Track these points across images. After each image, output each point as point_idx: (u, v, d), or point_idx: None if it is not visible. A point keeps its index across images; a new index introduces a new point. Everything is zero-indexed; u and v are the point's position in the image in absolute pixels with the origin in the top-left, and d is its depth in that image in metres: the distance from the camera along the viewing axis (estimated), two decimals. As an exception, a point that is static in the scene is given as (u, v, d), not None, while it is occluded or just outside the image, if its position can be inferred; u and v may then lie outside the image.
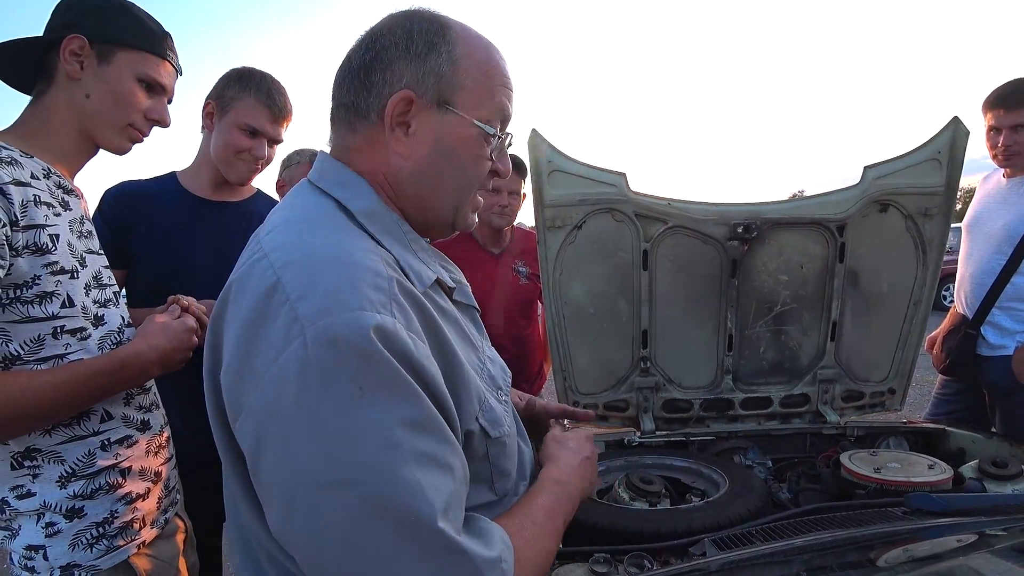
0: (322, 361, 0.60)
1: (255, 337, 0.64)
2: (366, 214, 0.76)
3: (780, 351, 1.91)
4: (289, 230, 0.72)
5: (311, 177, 0.81)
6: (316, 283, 0.63)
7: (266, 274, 0.66)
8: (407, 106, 0.75)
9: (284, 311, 0.62)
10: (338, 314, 0.61)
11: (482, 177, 0.82)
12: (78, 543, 1.04)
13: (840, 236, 1.77)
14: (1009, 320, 2.18)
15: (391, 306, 0.65)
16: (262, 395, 0.62)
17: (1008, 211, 2.20)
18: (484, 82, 0.78)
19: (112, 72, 1.14)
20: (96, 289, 1.12)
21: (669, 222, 1.73)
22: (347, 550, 0.59)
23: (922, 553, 1.02)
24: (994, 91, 2.18)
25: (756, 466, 1.76)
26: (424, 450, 0.62)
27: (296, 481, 0.61)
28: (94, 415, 1.09)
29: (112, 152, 1.20)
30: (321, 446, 0.60)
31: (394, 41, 0.76)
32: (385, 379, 0.61)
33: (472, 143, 0.78)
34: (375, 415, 0.60)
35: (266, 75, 1.64)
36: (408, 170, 0.78)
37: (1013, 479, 1.42)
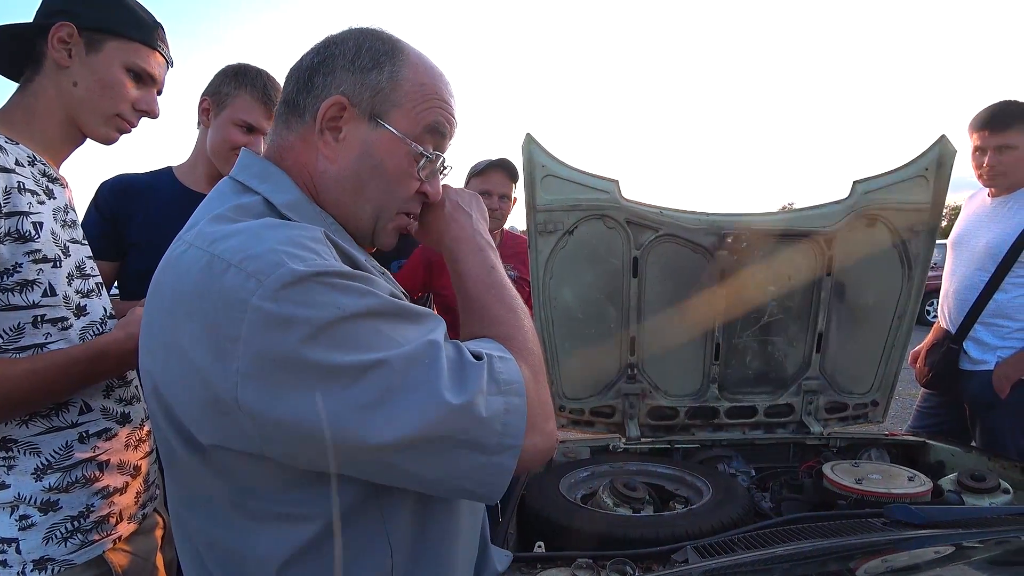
0: (293, 300, 0.60)
1: (208, 310, 0.62)
2: (289, 206, 0.76)
3: (766, 361, 1.92)
4: (214, 222, 0.71)
5: (232, 172, 0.82)
6: (255, 246, 0.63)
7: (197, 256, 0.65)
8: (339, 111, 0.77)
9: (230, 275, 0.61)
10: (290, 263, 0.61)
11: (407, 196, 0.83)
12: (52, 537, 1.02)
13: (828, 249, 1.79)
14: (991, 336, 2.21)
15: (337, 257, 0.67)
16: (247, 359, 0.60)
17: (991, 230, 2.23)
18: (422, 105, 0.80)
19: (101, 61, 1.12)
20: (79, 279, 1.11)
21: (660, 230, 1.74)
22: (418, 411, 0.62)
23: (900, 564, 1.03)
24: (980, 113, 2.22)
25: (740, 475, 1.78)
26: (407, 309, 0.68)
27: (337, 413, 0.61)
28: (72, 406, 1.07)
29: (98, 141, 1.19)
30: (332, 375, 0.60)
31: (343, 51, 0.79)
32: (352, 289, 0.63)
33: (400, 160, 0.80)
34: (366, 322, 0.63)
35: (262, 71, 1.64)
36: (332, 174, 0.79)
37: (990, 493, 1.44)
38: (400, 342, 0.64)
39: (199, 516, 0.75)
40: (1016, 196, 2.21)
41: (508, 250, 2.49)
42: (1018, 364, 2.13)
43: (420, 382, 0.63)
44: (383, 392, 0.62)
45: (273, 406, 0.60)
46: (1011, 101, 2.20)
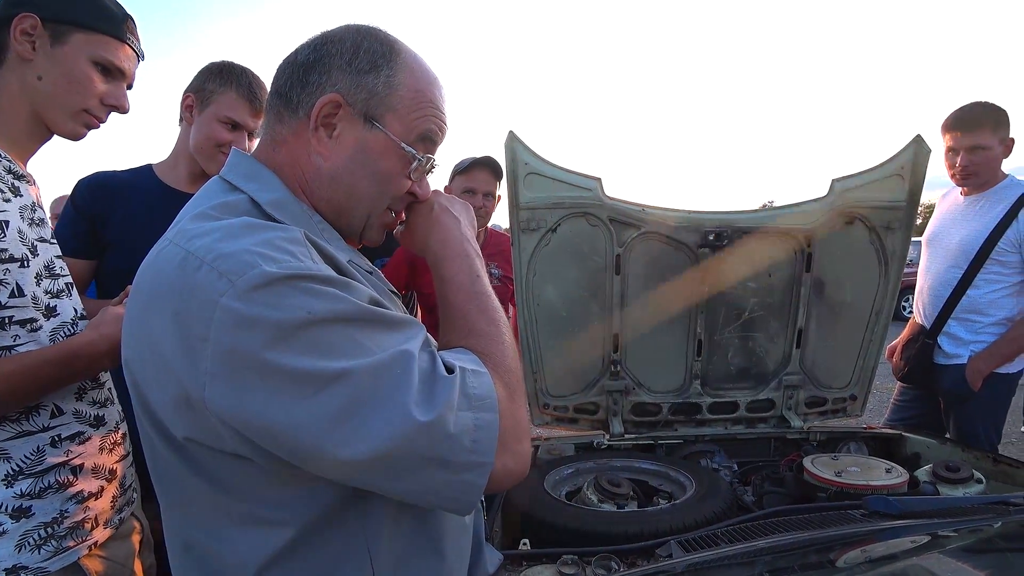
0: (263, 302, 0.59)
1: (179, 307, 0.62)
2: (274, 204, 0.76)
3: (747, 357, 1.94)
4: (195, 220, 0.72)
5: (222, 172, 0.82)
6: (231, 245, 0.63)
7: (173, 252, 0.65)
8: (334, 109, 0.77)
9: (202, 273, 0.61)
10: (263, 265, 0.60)
11: (397, 195, 0.84)
12: (25, 544, 0.99)
13: (807, 246, 1.81)
14: (964, 331, 2.26)
15: (312, 256, 0.66)
16: (215, 359, 0.60)
17: (964, 227, 2.29)
18: (416, 110, 0.80)
19: (66, 54, 1.09)
20: (48, 279, 1.08)
21: (642, 228, 1.75)
22: (385, 425, 0.61)
23: (879, 554, 1.05)
24: (952, 114, 2.27)
25: (722, 469, 1.79)
26: (382, 315, 0.66)
27: (302, 422, 0.60)
28: (44, 410, 1.04)
29: (65, 137, 1.15)
30: (297, 381, 0.60)
31: (341, 51, 0.78)
32: (325, 294, 0.62)
33: (392, 161, 0.80)
34: (334, 327, 0.62)
35: (246, 69, 1.62)
36: (325, 170, 0.79)
37: (964, 483, 1.47)
38: (371, 350, 0.63)
39: (179, 517, 0.75)
40: (987, 194, 2.27)
41: (492, 248, 2.49)
42: (990, 358, 2.18)
43: (388, 396, 0.62)
44: (349, 404, 0.60)
45: (239, 407, 0.60)
46: (981, 102, 2.25)
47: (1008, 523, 1.13)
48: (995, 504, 1.22)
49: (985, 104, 2.24)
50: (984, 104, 2.24)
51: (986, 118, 2.20)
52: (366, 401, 0.61)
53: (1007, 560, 1.03)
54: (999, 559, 1.04)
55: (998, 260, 2.19)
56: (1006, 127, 2.22)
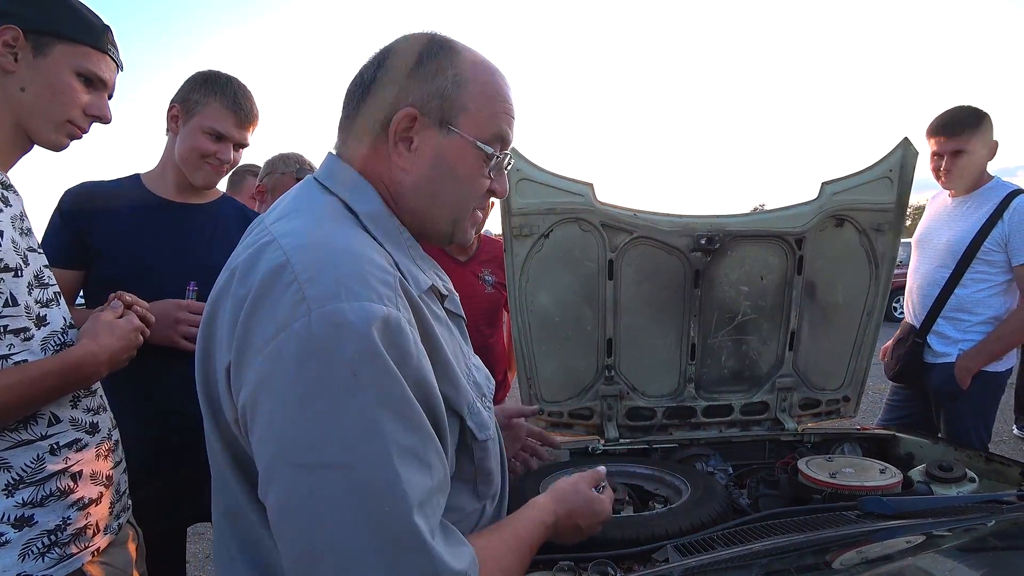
0: (323, 344, 0.60)
1: (257, 312, 0.64)
2: (370, 217, 0.78)
3: (741, 360, 1.95)
4: (299, 218, 0.74)
5: (318, 176, 0.83)
6: (326, 268, 0.64)
7: (275, 254, 0.67)
8: (411, 123, 0.78)
9: (292, 290, 0.63)
10: (347, 301, 0.62)
11: (479, 195, 0.85)
12: (28, 553, 0.99)
13: (799, 249, 1.83)
14: (952, 329, 2.29)
15: (397, 300, 0.67)
16: (258, 370, 0.63)
17: (951, 228, 2.32)
18: (487, 106, 0.81)
19: (49, 65, 1.09)
20: (38, 288, 1.08)
21: (635, 232, 1.76)
22: (316, 532, 0.60)
23: (874, 555, 1.05)
24: (936, 119, 2.31)
25: (717, 473, 1.80)
26: (407, 444, 0.62)
27: (277, 457, 0.61)
28: (41, 419, 1.04)
29: (48, 148, 1.15)
30: (305, 426, 0.60)
31: (405, 61, 0.80)
32: (380, 370, 0.62)
33: (471, 162, 0.81)
34: (364, 403, 0.61)
35: (232, 79, 1.61)
36: (408, 183, 0.81)
37: (957, 482, 1.48)
38: (383, 452, 0.61)
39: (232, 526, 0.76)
40: (974, 196, 2.30)
41: (485, 254, 2.49)
42: (978, 356, 2.21)
43: (356, 520, 0.60)
44: (332, 496, 0.60)
45: (251, 418, 0.63)
46: (964, 106, 2.29)
47: (1002, 522, 1.14)
48: (988, 503, 1.23)
49: (968, 108, 2.28)
50: (967, 108, 2.28)
51: (969, 122, 2.23)
52: (335, 502, 0.60)
53: (1001, 559, 1.04)
54: (994, 558, 1.05)
55: (985, 260, 2.22)
56: (989, 130, 2.26)
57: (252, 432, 0.64)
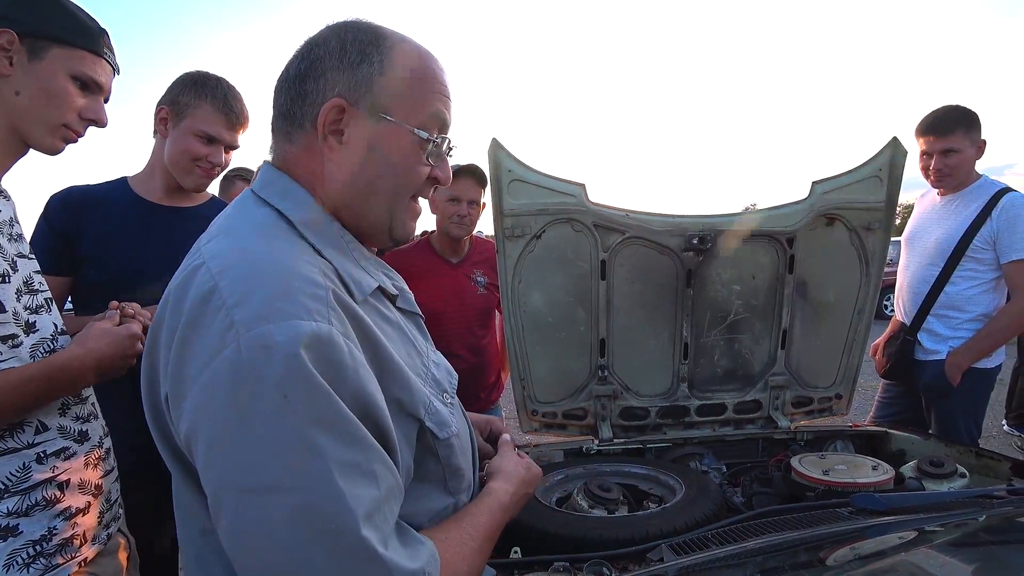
0: (253, 369, 0.60)
1: (190, 341, 0.64)
2: (306, 224, 0.76)
3: (733, 359, 1.96)
4: (230, 238, 0.72)
5: (254, 187, 0.81)
6: (253, 290, 0.64)
7: (203, 280, 0.66)
8: (339, 114, 0.76)
9: (220, 316, 0.63)
10: (273, 321, 0.61)
11: (419, 184, 0.82)
12: (13, 563, 0.98)
13: (790, 248, 1.84)
14: (942, 327, 2.30)
15: (328, 314, 0.65)
16: (194, 398, 0.63)
17: (940, 227, 2.34)
18: (418, 90, 0.78)
19: (44, 69, 1.08)
20: (28, 295, 1.06)
21: (627, 233, 1.77)
22: (267, 555, 0.60)
23: (867, 551, 1.06)
24: (924, 118, 2.33)
25: (711, 471, 1.80)
26: (346, 459, 0.62)
27: (221, 484, 0.62)
28: (28, 426, 1.03)
29: (44, 152, 1.14)
30: (244, 452, 0.60)
31: (328, 51, 0.77)
32: (310, 389, 0.61)
33: (407, 150, 0.78)
34: (297, 424, 0.60)
35: (222, 80, 1.60)
36: (341, 178, 0.78)
37: (948, 477, 1.49)
38: (320, 470, 0.60)
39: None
40: (962, 194, 2.32)
41: (477, 256, 2.49)
42: (968, 353, 2.23)
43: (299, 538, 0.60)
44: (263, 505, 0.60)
45: (194, 447, 0.64)
46: (952, 106, 2.31)
47: (992, 516, 1.15)
48: (979, 498, 1.24)
49: (956, 108, 2.30)
50: (955, 108, 2.30)
51: (958, 122, 2.25)
52: (282, 525, 0.60)
53: (992, 553, 1.04)
54: (984, 552, 1.05)
55: (974, 257, 2.24)
56: (977, 129, 2.28)
57: (196, 460, 0.64)
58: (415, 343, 0.85)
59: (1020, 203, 2.20)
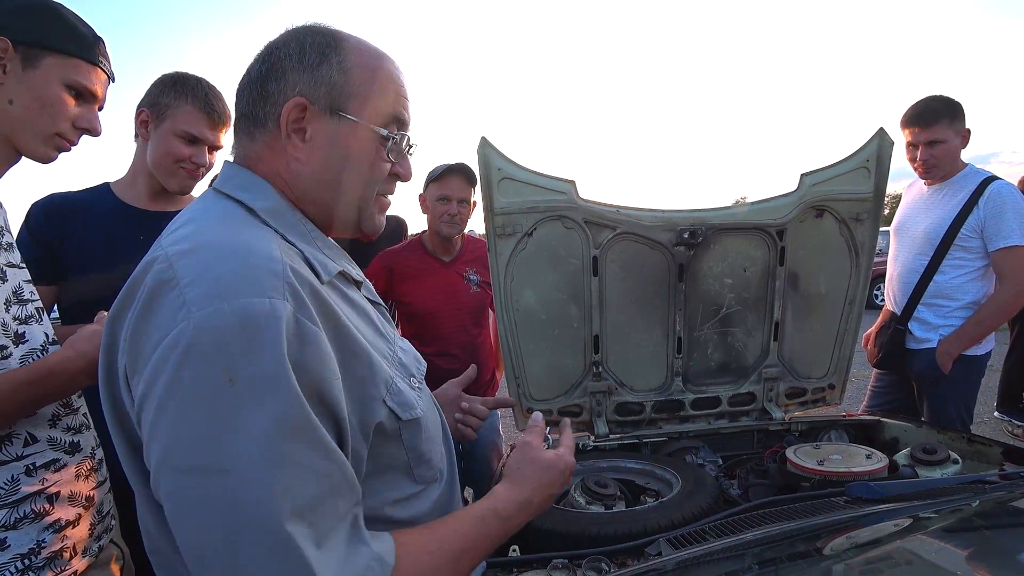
0: (201, 347, 0.60)
1: (145, 322, 0.65)
2: (269, 212, 0.77)
3: (727, 352, 1.96)
4: (188, 226, 0.73)
5: (215, 184, 0.83)
6: (207, 270, 0.64)
7: (160, 265, 0.67)
8: (301, 112, 0.78)
9: (173, 296, 0.63)
10: (227, 300, 0.61)
11: (380, 179, 0.85)
12: None
13: (780, 240, 1.84)
14: (932, 315, 2.32)
15: (284, 289, 0.65)
16: (145, 377, 0.63)
17: (928, 216, 2.35)
18: (376, 89, 0.81)
19: (38, 78, 1.07)
20: (16, 305, 1.05)
21: (618, 229, 1.77)
22: (194, 535, 0.60)
23: (864, 539, 1.07)
24: (909, 109, 2.34)
25: (707, 464, 1.81)
26: (284, 450, 0.61)
27: (160, 461, 0.62)
28: (17, 438, 1.01)
29: (36, 161, 1.13)
30: (183, 431, 0.60)
31: (288, 53, 0.79)
32: (258, 373, 0.61)
33: (366, 146, 0.81)
34: (239, 406, 0.60)
35: (201, 80, 1.58)
36: (307, 174, 0.80)
37: (941, 464, 1.50)
38: (266, 456, 0.59)
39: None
40: (949, 183, 2.34)
41: (469, 254, 2.49)
42: (958, 341, 2.25)
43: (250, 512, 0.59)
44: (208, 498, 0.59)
45: (143, 423, 0.64)
46: (936, 96, 2.33)
47: (985, 501, 1.16)
48: (972, 483, 1.25)
49: (939, 98, 2.32)
50: (939, 98, 2.32)
51: (942, 112, 2.27)
52: (211, 508, 0.59)
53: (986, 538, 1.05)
54: (979, 537, 1.06)
55: (962, 246, 2.26)
56: (961, 119, 2.30)
57: (143, 436, 0.64)
58: (381, 328, 0.86)
59: (1006, 191, 2.22)
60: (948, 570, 0.90)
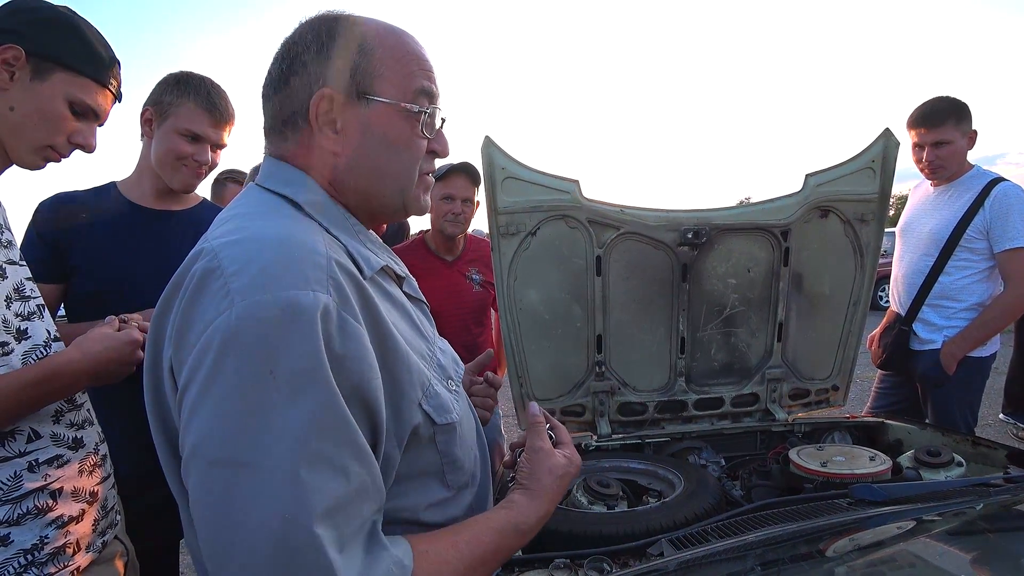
0: (242, 337, 0.60)
1: (191, 311, 0.64)
2: (313, 205, 0.77)
3: (730, 352, 1.96)
4: (233, 221, 0.73)
5: (258, 180, 0.82)
6: (252, 260, 0.63)
7: (207, 256, 0.66)
8: (329, 104, 0.77)
9: (218, 285, 0.63)
10: (270, 291, 0.61)
11: (419, 157, 0.83)
12: (4, 573, 0.97)
13: (784, 241, 1.84)
14: (937, 316, 2.31)
15: (327, 283, 0.64)
16: (189, 365, 0.62)
17: (934, 217, 2.34)
18: (400, 67, 0.79)
19: (44, 91, 1.08)
20: (18, 301, 1.06)
21: (621, 228, 1.76)
22: (220, 531, 0.59)
23: (866, 541, 1.06)
24: (916, 110, 2.33)
25: (710, 465, 1.81)
26: (318, 449, 0.60)
27: (192, 452, 0.61)
28: (20, 435, 1.02)
29: (23, 168, 1.14)
30: (218, 422, 0.59)
31: (306, 46, 0.78)
32: (299, 368, 0.60)
33: (400, 126, 0.80)
34: (276, 400, 0.59)
35: (205, 79, 1.58)
36: (344, 165, 0.79)
37: (946, 467, 1.50)
38: (291, 452, 0.58)
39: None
40: (955, 185, 2.33)
41: (472, 254, 2.49)
42: (963, 342, 2.24)
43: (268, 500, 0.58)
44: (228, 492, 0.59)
45: (181, 412, 0.63)
46: (943, 97, 2.32)
47: (989, 504, 1.15)
48: (976, 486, 1.25)
49: (947, 99, 2.30)
50: (946, 99, 2.30)
51: (949, 113, 2.26)
52: (238, 503, 0.58)
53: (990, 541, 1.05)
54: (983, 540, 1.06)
55: (967, 247, 2.25)
56: (968, 120, 2.28)
57: (180, 426, 0.64)
58: (421, 327, 0.85)
59: (1012, 193, 2.21)
60: (951, 573, 0.89)
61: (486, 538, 0.74)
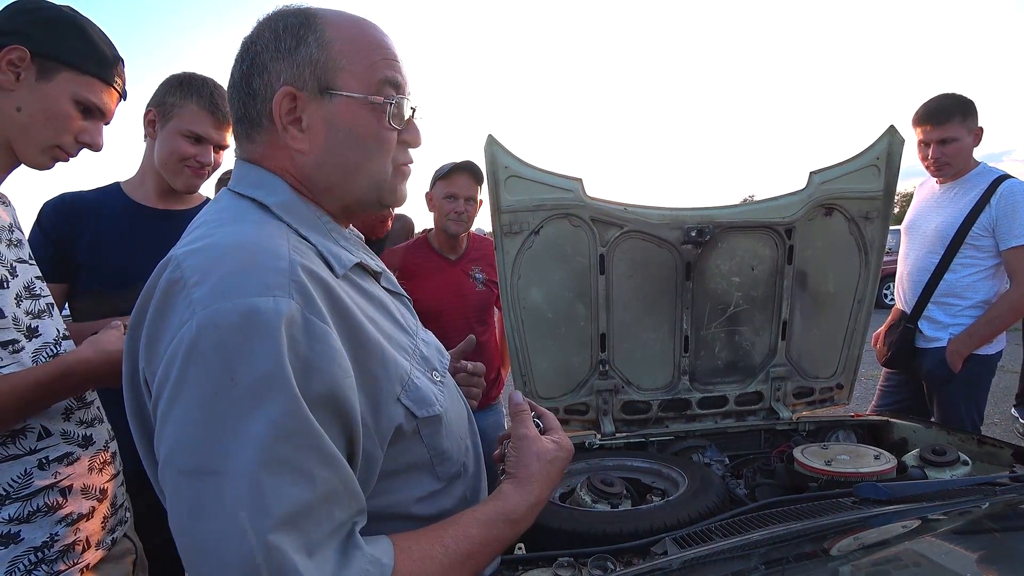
0: (203, 346, 0.60)
1: (158, 325, 0.65)
2: (282, 206, 0.76)
3: (734, 351, 1.96)
4: (200, 228, 0.73)
5: (230, 184, 0.82)
6: (213, 269, 0.64)
7: (172, 267, 0.67)
8: (292, 102, 0.76)
9: (182, 296, 0.63)
10: (230, 299, 0.61)
11: (390, 150, 0.81)
12: (15, 570, 0.98)
13: (788, 239, 1.83)
14: (943, 314, 2.31)
15: (289, 287, 0.64)
16: (158, 378, 0.63)
17: (940, 214, 2.33)
18: (361, 57, 0.78)
19: (50, 90, 1.08)
20: (28, 300, 1.06)
21: (625, 227, 1.76)
22: (186, 537, 0.60)
23: (871, 540, 1.06)
24: (921, 107, 2.32)
25: (714, 464, 1.80)
26: (280, 454, 0.59)
27: (164, 461, 0.61)
28: (30, 432, 1.03)
29: (32, 168, 1.15)
30: (185, 431, 0.60)
31: (264, 44, 0.77)
32: (260, 374, 0.60)
33: (366, 119, 0.78)
34: (240, 409, 0.59)
35: (208, 80, 1.59)
36: (312, 163, 0.78)
37: (951, 465, 1.49)
38: (256, 456, 0.58)
39: None
40: (961, 182, 2.32)
41: (475, 252, 2.49)
42: (968, 340, 2.23)
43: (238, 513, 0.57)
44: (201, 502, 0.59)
45: (156, 422, 0.64)
46: (949, 94, 2.30)
47: (995, 504, 1.15)
48: (982, 485, 1.24)
49: (952, 96, 2.29)
50: (951, 96, 2.29)
51: (954, 110, 2.25)
52: (204, 511, 0.58)
53: (996, 540, 1.04)
54: (988, 540, 1.05)
55: (973, 245, 2.24)
56: (974, 117, 2.27)
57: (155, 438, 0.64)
58: (402, 320, 0.84)
59: (1019, 190, 2.20)
60: (957, 573, 0.89)
61: (473, 530, 0.73)
